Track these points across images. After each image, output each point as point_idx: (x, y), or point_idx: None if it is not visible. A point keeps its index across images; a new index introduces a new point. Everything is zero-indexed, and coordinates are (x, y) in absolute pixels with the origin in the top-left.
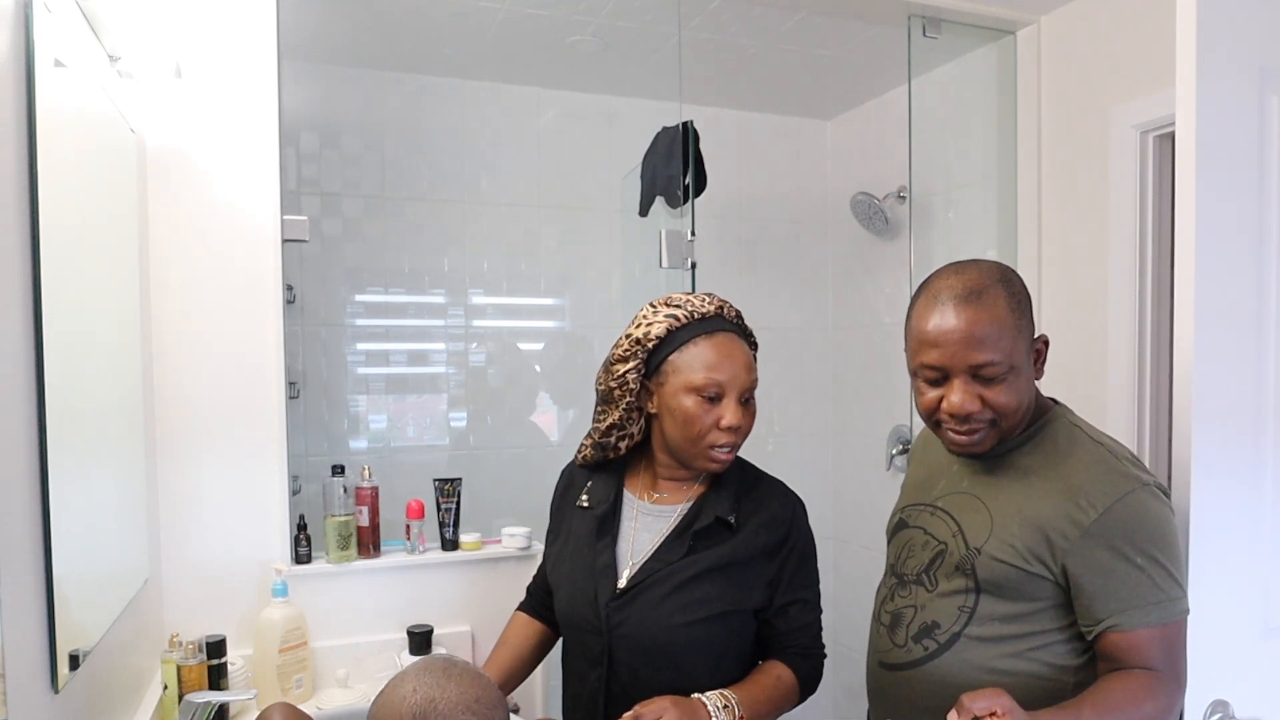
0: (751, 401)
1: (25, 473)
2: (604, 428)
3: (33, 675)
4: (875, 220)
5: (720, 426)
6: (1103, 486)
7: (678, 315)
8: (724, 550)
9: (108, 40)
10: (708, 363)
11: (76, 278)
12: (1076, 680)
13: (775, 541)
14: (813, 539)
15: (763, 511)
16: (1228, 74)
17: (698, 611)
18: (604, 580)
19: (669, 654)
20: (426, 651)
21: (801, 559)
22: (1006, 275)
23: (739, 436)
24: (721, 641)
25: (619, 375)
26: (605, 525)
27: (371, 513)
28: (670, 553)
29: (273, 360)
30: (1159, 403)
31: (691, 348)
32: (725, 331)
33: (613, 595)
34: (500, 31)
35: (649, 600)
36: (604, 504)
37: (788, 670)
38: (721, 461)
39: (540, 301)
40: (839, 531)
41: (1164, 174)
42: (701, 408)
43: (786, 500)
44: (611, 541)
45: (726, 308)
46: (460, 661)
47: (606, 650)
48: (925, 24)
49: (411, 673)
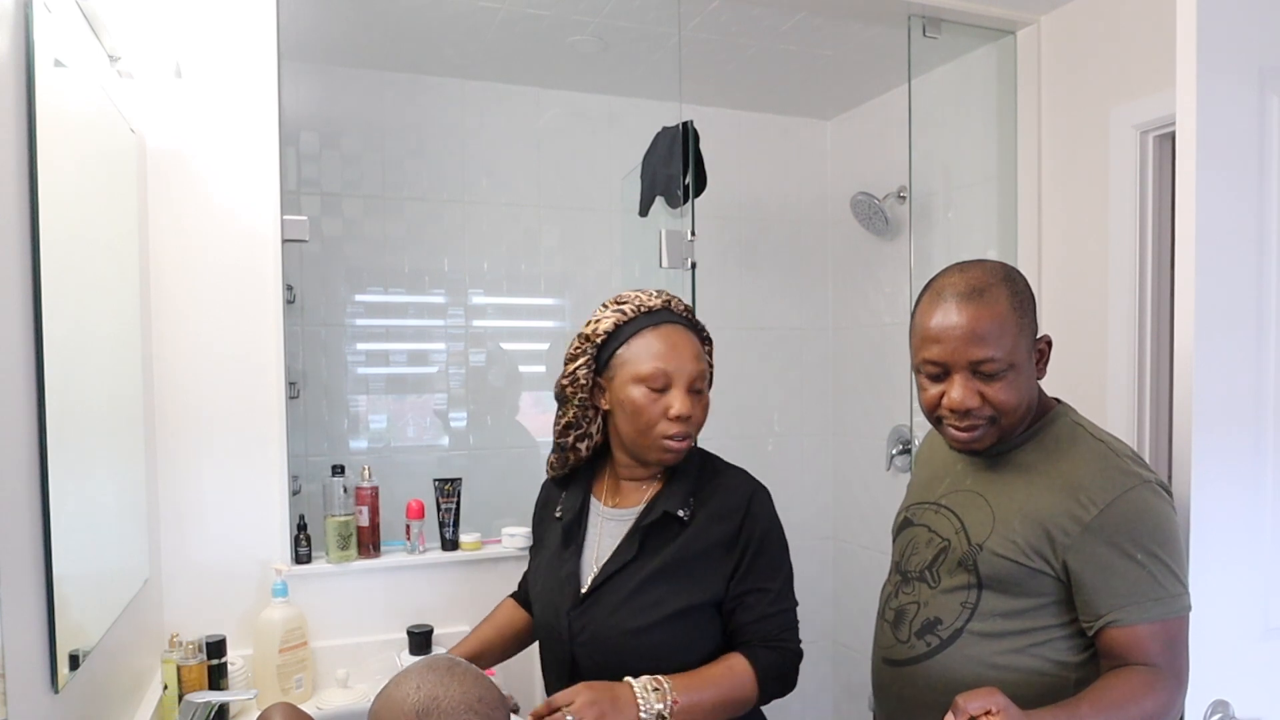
0: (704, 393)
1: (25, 473)
2: (560, 428)
3: (33, 675)
4: (875, 220)
5: (669, 416)
6: (1104, 483)
7: (625, 310)
8: (676, 546)
9: (108, 40)
10: (653, 353)
11: (76, 278)
12: (1079, 676)
13: (729, 532)
14: (776, 527)
15: (714, 502)
16: (1228, 74)
17: (651, 615)
18: (567, 589)
19: (627, 659)
20: (426, 651)
21: (760, 548)
22: (1010, 275)
23: (689, 426)
24: (684, 641)
25: (570, 373)
26: (570, 534)
27: (371, 513)
28: (624, 554)
29: (273, 360)
30: (1159, 403)
31: (638, 340)
32: (671, 323)
33: (573, 604)
34: (500, 31)
35: (605, 607)
36: (570, 513)
37: (742, 660)
38: (674, 451)
39: (540, 301)
40: (838, 531)
41: (1164, 174)
42: (649, 398)
43: (742, 489)
44: (577, 550)
45: (674, 302)
46: (463, 661)
47: (570, 659)
48: (925, 24)
49: (414, 671)
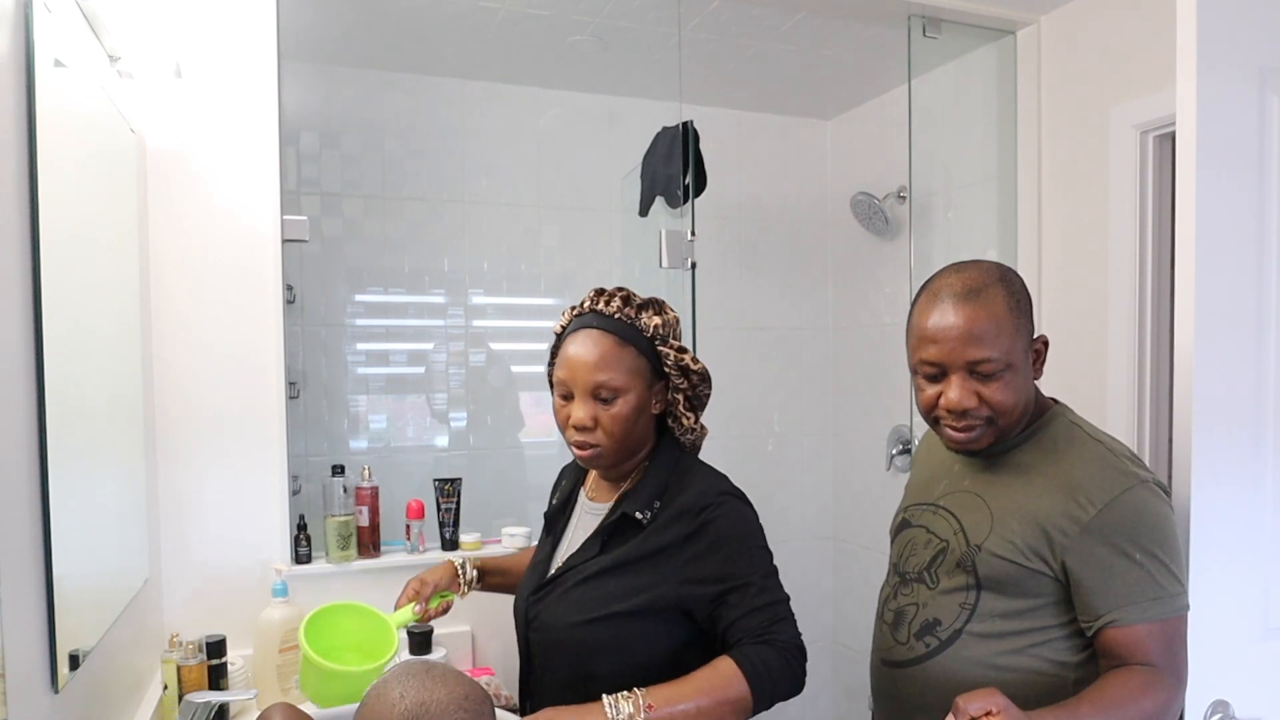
0: (614, 401)
1: (25, 473)
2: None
3: (33, 675)
4: (875, 220)
5: (570, 424)
6: (1102, 483)
7: (566, 314)
8: (631, 547)
9: (108, 40)
10: (562, 359)
11: (76, 278)
12: (1078, 677)
13: (687, 533)
14: (744, 524)
15: (676, 504)
16: (1228, 74)
17: (595, 609)
18: (534, 576)
19: (568, 651)
20: (427, 651)
21: (729, 548)
22: (1007, 275)
23: (589, 436)
24: (632, 638)
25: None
26: (552, 524)
27: (371, 513)
28: (587, 550)
29: (273, 360)
30: (1159, 403)
31: (563, 346)
32: (585, 329)
33: (532, 590)
34: (500, 31)
35: (555, 596)
36: (557, 502)
37: (727, 660)
38: (583, 459)
39: (540, 301)
40: (839, 531)
41: (1164, 174)
42: (559, 405)
43: (704, 490)
44: (555, 539)
45: (605, 302)
46: (436, 662)
47: (526, 645)
48: (925, 24)
49: (393, 680)
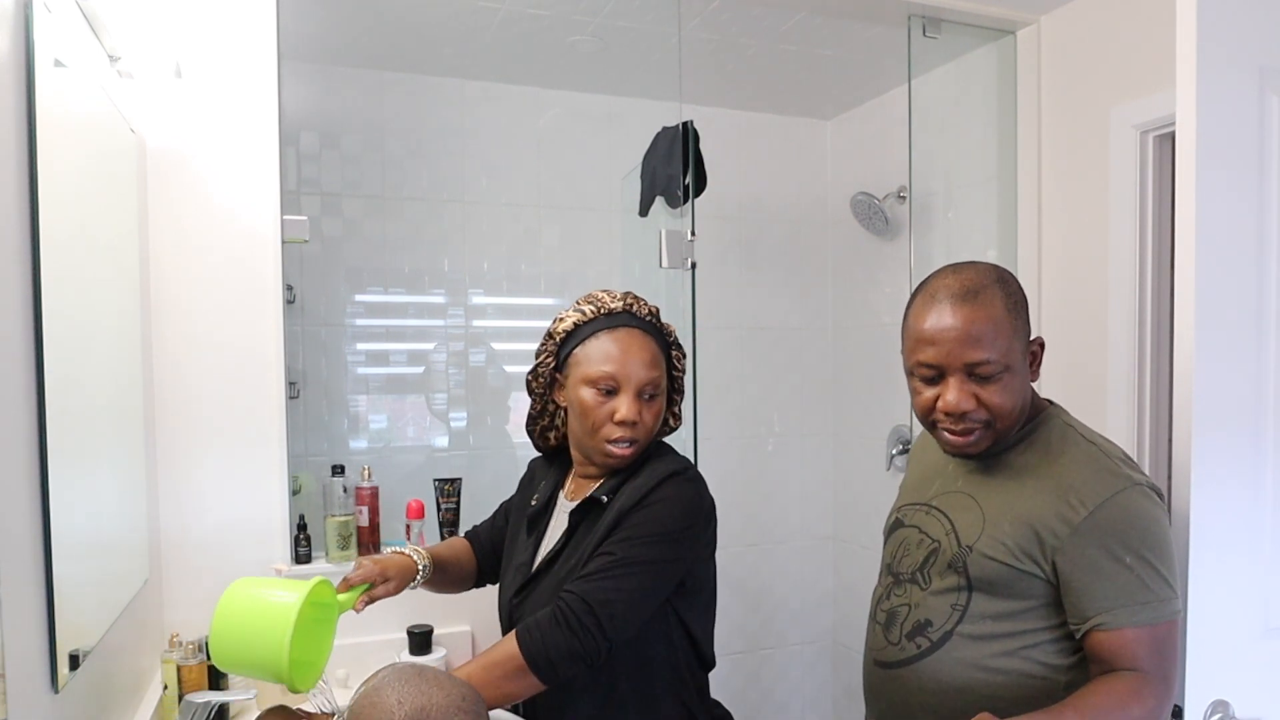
0: (657, 399)
1: (25, 473)
2: (527, 419)
3: (33, 675)
4: (875, 220)
5: (614, 420)
6: (1094, 485)
7: (585, 311)
8: (597, 531)
9: (108, 40)
10: (605, 356)
11: (76, 278)
12: (1068, 680)
13: (629, 507)
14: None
15: (631, 484)
16: (1228, 74)
17: None
18: (517, 577)
19: None
20: (427, 651)
21: (639, 520)
22: (1003, 276)
23: (635, 432)
24: None
25: (534, 367)
26: (533, 525)
27: (371, 513)
28: (559, 545)
29: (273, 360)
30: (1159, 403)
31: (593, 341)
32: (629, 327)
33: (514, 592)
34: (500, 31)
35: (536, 596)
36: (538, 503)
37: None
38: (618, 457)
39: (540, 301)
40: (839, 531)
41: (1164, 174)
42: (597, 400)
43: (660, 471)
44: (536, 540)
45: (638, 305)
46: (426, 666)
47: None
48: (925, 24)
49: (387, 686)
